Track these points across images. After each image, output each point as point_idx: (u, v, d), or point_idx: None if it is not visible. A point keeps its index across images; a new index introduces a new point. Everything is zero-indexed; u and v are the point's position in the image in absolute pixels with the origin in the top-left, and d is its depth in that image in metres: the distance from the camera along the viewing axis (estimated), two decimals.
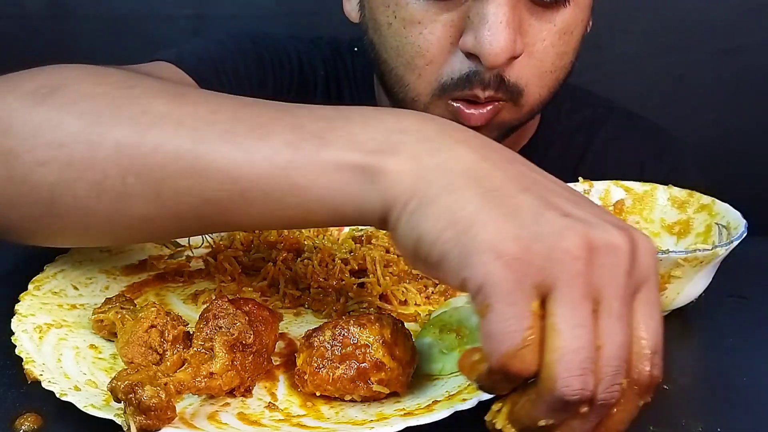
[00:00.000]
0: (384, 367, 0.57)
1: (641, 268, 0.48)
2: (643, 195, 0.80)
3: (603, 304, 0.46)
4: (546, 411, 0.46)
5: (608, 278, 0.46)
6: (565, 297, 0.46)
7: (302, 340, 0.60)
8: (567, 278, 0.46)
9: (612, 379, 0.46)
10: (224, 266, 0.76)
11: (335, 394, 0.58)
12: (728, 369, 0.66)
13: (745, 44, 1.32)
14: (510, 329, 0.45)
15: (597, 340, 0.46)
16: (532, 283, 0.46)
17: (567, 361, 0.45)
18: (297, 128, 0.55)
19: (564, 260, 0.46)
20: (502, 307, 0.45)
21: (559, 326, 0.45)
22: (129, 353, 0.59)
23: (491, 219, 0.47)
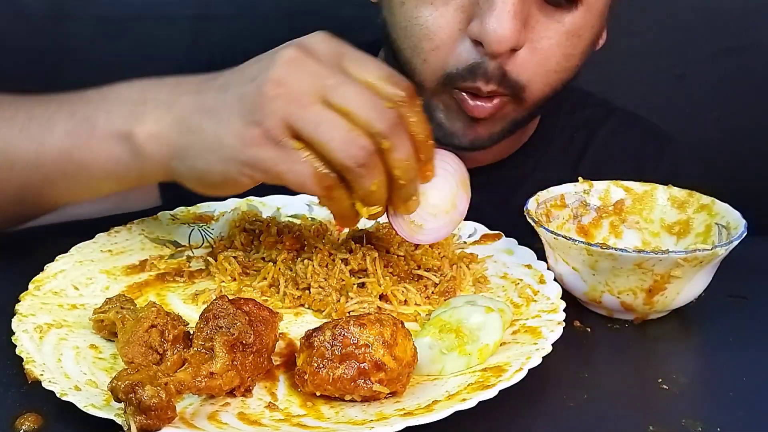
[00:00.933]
0: (384, 367, 0.57)
1: (325, 53, 0.63)
2: (643, 195, 0.80)
3: (322, 92, 0.61)
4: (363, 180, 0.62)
5: (306, 79, 0.61)
6: (297, 119, 0.61)
7: (302, 340, 0.60)
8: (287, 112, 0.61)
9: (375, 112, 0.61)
10: (224, 266, 0.76)
11: (335, 394, 0.58)
12: (728, 369, 0.66)
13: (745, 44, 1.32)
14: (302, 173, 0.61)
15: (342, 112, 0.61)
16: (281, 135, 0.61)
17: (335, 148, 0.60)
18: (72, 115, 0.70)
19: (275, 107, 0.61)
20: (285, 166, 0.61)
21: (312, 138, 0.61)
22: (129, 353, 0.59)
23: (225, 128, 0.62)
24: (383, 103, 0.62)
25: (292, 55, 0.62)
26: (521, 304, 0.70)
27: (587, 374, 0.64)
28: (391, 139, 0.62)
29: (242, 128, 0.62)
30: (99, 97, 0.71)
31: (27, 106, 0.74)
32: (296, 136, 0.61)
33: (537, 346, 0.62)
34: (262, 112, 0.61)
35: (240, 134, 0.62)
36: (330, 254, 0.74)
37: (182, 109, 0.66)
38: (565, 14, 0.82)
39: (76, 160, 0.70)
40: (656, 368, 0.66)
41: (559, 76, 0.86)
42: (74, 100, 0.72)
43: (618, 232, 0.80)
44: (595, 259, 0.68)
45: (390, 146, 0.62)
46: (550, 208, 0.78)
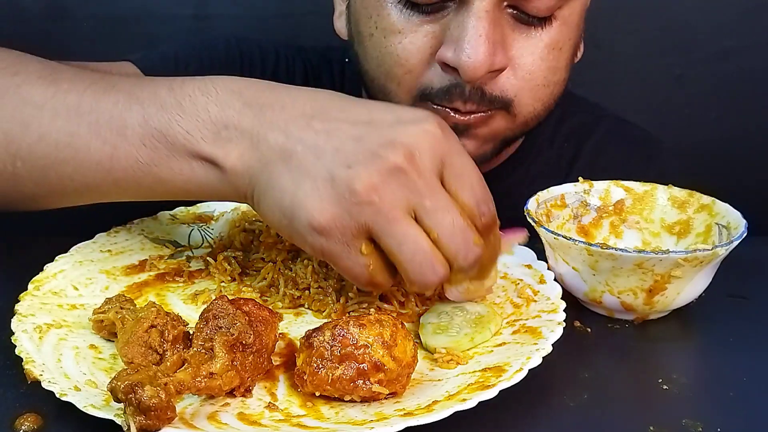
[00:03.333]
0: (383, 367, 0.57)
1: (429, 164, 0.61)
2: (643, 195, 0.80)
3: (416, 207, 0.60)
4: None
5: (404, 192, 0.59)
6: (380, 231, 0.59)
7: (302, 341, 0.60)
8: (372, 218, 0.59)
9: (463, 248, 0.61)
10: (224, 266, 0.76)
11: (335, 395, 0.58)
12: (728, 369, 0.66)
13: (745, 44, 1.32)
14: (355, 272, 0.61)
15: (431, 234, 0.60)
16: (354, 237, 0.60)
17: (412, 270, 0.60)
18: (145, 122, 0.66)
19: (362, 207, 0.59)
20: (342, 263, 0.61)
21: (393, 249, 0.60)
22: (129, 353, 0.59)
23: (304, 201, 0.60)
24: (473, 238, 0.61)
25: (396, 161, 0.59)
26: (521, 304, 0.70)
27: (587, 374, 0.64)
28: (469, 272, 0.63)
29: (319, 215, 0.60)
30: (172, 103, 0.66)
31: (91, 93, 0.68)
32: (371, 239, 0.61)
33: (537, 346, 0.62)
34: (346, 210, 0.59)
35: (314, 219, 0.60)
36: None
37: (267, 151, 0.63)
38: (541, 31, 0.82)
39: (154, 174, 0.66)
40: (656, 368, 0.66)
41: (548, 91, 0.86)
42: (143, 97, 0.67)
43: (618, 232, 0.80)
44: (596, 259, 0.68)
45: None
46: (550, 208, 0.78)
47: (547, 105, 0.87)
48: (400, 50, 0.82)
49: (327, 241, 0.60)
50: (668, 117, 1.34)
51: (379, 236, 0.60)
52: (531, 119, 0.87)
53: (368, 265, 0.61)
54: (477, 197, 0.63)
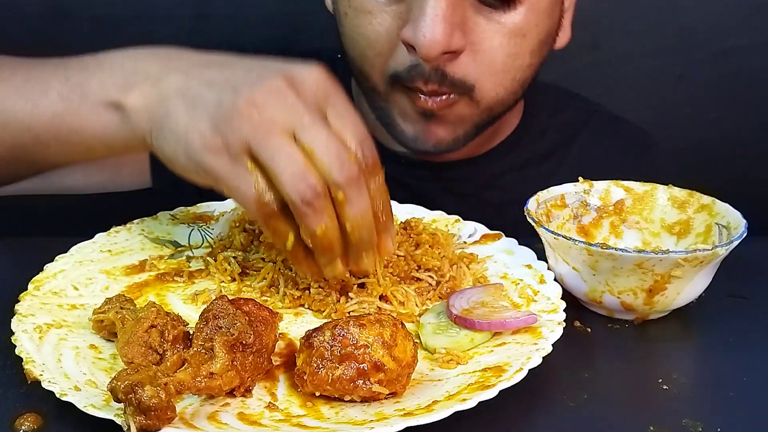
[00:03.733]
0: (383, 367, 0.57)
1: (312, 90, 0.63)
2: (643, 195, 0.80)
3: (293, 126, 0.62)
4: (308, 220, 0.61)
5: (282, 110, 0.62)
6: (257, 144, 0.61)
7: (302, 341, 0.60)
8: (251, 133, 0.61)
9: (337, 161, 0.61)
10: (224, 266, 0.76)
11: (335, 395, 0.58)
12: (728, 369, 0.66)
13: (745, 44, 1.32)
14: (246, 193, 0.62)
15: (306, 151, 0.61)
16: (238, 152, 0.62)
17: (285, 180, 0.60)
18: (67, 80, 0.72)
19: (242, 125, 0.61)
20: (232, 182, 0.63)
21: (267, 164, 0.61)
22: (129, 353, 0.59)
23: (194, 125, 0.64)
24: (348, 156, 0.62)
25: (278, 83, 0.63)
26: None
27: (587, 374, 0.64)
28: (348, 192, 0.62)
29: (207, 132, 0.63)
30: (94, 64, 0.73)
31: (25, 67, 0.76)
32: (254, 158, 0.62)
33: (537, 346, 0.62)
34: (229, 125, 0.62)
35: (203, 137, 0.63)
36: None
37: (167, 87, 0.67)
38: (503, 15, 0.83)
39: (68, 123, 0.72)
40: (656, 368, 0.66)
41: (509, 76, 0.86)
42: (71, 64, 0.74)
43: (618, 232, 0.80)
44: (596, 259, 0.68)
45: (344, 198, 0.62)
46: (550, 208, 0.78)
47: (511, 90, 0.88)
48: (371, 32, 0.85)
49: (216, 160, 0.63)
50: (668, 117, 1.34)
51: (256, 151, 0.61)
52: (495, 104, 0.88)
53: (254, 182, 0.62)
54: (359, 137, 0.63)
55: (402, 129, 0.89)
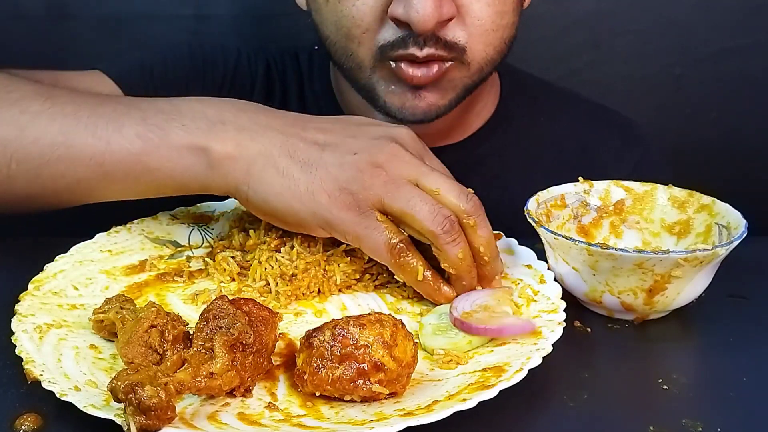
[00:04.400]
0: (383, 367, 0.57)
1: (414, 149, 0.73)
2: (643, 195, 0.80)
3: (415, 176, 0.70)
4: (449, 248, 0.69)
5: (403, 166, 0.70)
6: (389, 197, 0.69)
7: (302, 340, 0.60)
8: (383, 189, 0.69)
9: (463, 195, 0.70)
10: (222, 266, 0.76)
11: (335, 395, 0.58)
12: (728, 369, 0.66)
13: (745, 44, 1.32)
14: (378, 240, 0.69)
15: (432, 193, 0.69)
16: (369, 207, 0.69)
17: (423, 218, 0.68)
18: (143, 120, 0.73)
19: (372, 185, 0.69)
20: (363, 232, 0.69)
21: (402, 209, 0.68)
22: (129, 353, 0.59)
23: (319, 185, 0.69)
24: (468, 190, 0.71)
25: (393, 149, 0.71)
26: (521, 304, 0.70)
27: (587, 374, 0.64)
28: (476, 218, 0.70)
29: (336, 192, 0.69)
30: (171, 108, 0.74)
31: (89, 104, 0.75)
32: (384, 212, 0.69)
33: (537, 346, 0.62)
34: (359, 185, 0.69)
35: (333, 196, 0.69)
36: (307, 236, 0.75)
37: (268, 145, 0.71)
38: None
39: (144, 162, 0.72)
40: (656, 368, 0.66)
41: (498, 35, 0.88)
42: (143, 106, 0.74)
43: (618, 232, 0.80)
44: (596, 259, 0.68)
45: (474, 224, 0.69)
46: (550, 208, 0.78)
47: (499, 49, 0.90)
48: (355, 12, 0.86)
49: (346, 214, 0.69)
50: (668, 117, 1.34)
51: (390, 202, 0.69)
52: (485, 64, 0.90)
53: (384, 229, 0.69)
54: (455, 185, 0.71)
55: (387, 101, 0.90)
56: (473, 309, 0.67)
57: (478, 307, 0.67)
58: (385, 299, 0.74)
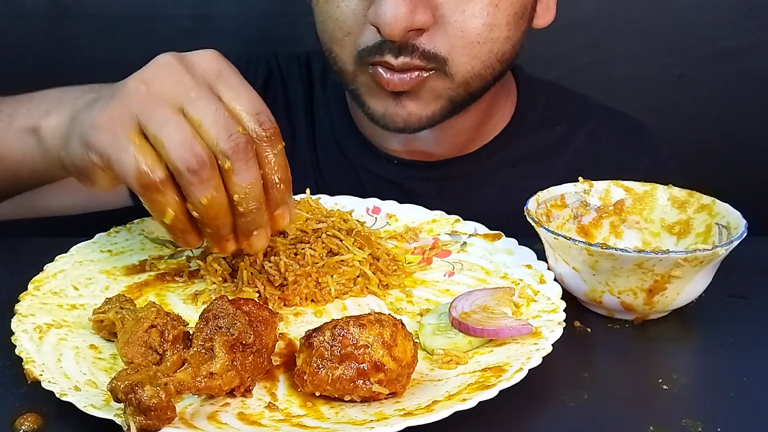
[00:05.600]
0: (383, 367, 0.57)
1: (202, 67, 0.64)
2: (643, 195, 0.80)
3: (181, 100, 0.62)
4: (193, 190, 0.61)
5: (171, 85, 0.63)
6: (146, 116, 0.62)
7: (302, 341, 0.60)
8: (138, 106, 0.62)
9: (224, 132, 0.61)
10: (214, 267, 0.76)
11: (335, 395, 0.58)
12: (728, 369, 0.66)
13: (745, 44, 1.32)
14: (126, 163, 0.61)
15: (194, 123, 0.61)
16: (122, 126, 0.62)
17: (170, 149, 0.60)
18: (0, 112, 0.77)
19: (130, 100, 0.62)
20: (113, 153, 0.62)
21: (154, 135, 0.61)
22: (129, 353, 0.59)
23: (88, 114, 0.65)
24: (236, 127, 0.62)
25: (167, 60, 0.64)
26: (521, 304, 0.70)
27: (587, 374, 0.64)
28: (234, 162, 0.61)
29: (97, 113, 0.64)
30: (28, 97, 0.77)
31: None
32: (141, 133, 0.62)
33: (537, 346, 0.62)
34: (116, 102, 0.63)
35: (93, 118, 0.64)
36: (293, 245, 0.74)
37: (79, 104, 0.69)
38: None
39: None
40: (656, 368, 0.66)
41: (485, 48, 0.86)
42: (7, 99, 0.79)
43: (618, 232, 0.80)
44: (596, 259, 0.68)
45: (230, 168, 0.61)
46: (550, 208, 0.78)
47: (487, 63, 0.88)
48: (339, 13, 0.87)
49: (100, 134, 0.63)
50: (668, 117, 1.34)
51: (144, 123, 0.62)
52: (471, 78, 0.88)
53: (135, 151, 0.61)
54: (255, 107, 0.64)
55: (371, 107, 0.90)
56: (472, 309, 0.67)
57: (477, 307, 0.67)
58: (385, 299, 0.74)
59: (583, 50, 1.32)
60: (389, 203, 0.87)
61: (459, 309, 0.67)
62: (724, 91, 1.34)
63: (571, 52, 1.32)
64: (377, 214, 0.87)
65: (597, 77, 1.32)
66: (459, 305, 0.67)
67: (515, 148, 1.02)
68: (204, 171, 0.60)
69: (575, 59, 1.32)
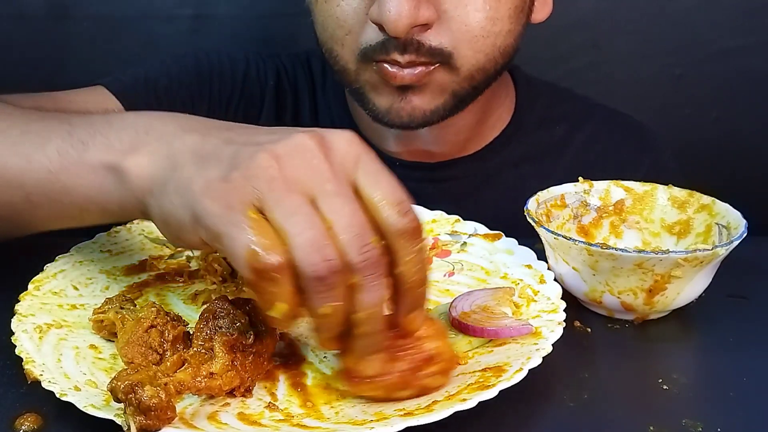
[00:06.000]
0: (438, 358, 0.58)
1: (341, 153, 0.55)
2: (643, 195, 0.80)
3: (315, 191, 0.53)
4: (315, 296, 0.52)
5: (306, 171, 0.54)
6: (272, 199, 0.53)
7: None
8: (266, 185, 0.53)
9: (357, 241, 0.52)
10: (213, 267, 0.76)
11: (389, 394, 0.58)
12: (728, 369, 0.66)
13: (745, 44, 1.32)
14: (238, 241, 0.52)
15: (325, 222, 0.52)
16: (241, 201, 0.53)
17: (298, 245, 0.51)
18: (69, 135, 0.63)
19: (258, 174, 0.53)
20: (224, 228, 0.53)
21: (279, 222, 0.52)
22: (129, 353, 0.59)
23: (201, 175, 0.55)
24: (371, 237, 0.53)
25: (306, 141, 0.55)
26: (521, 304, 0.70)
27: (587, 374, 0.64)
28: (364, 277, 0.53)
29: (212, 180, 0.55)
30: (103, 120, 0.64)
31: (25, 119, 0.68)
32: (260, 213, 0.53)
33: (537, 346, 0.62)
34: (241, 174, 0.54)
35: (207, 185, 0.55)
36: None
37: (179, 146, 0.59)
38: None
39: (61, 182, 0.63)
40: (656, 368, 0.66)
41: (489, 42, 0.87)
42: (76, 119, 0.66)
43: (618, 232, 0.80)
44: (596, 259, 0.68)
45: (358, 284, 0.53)
46: (550, 208, 0.78)
47: (490, 57, 0.88)
48: (339, 12, 0.86)
49: (213, 204, 0.54)
50: (668, 117, 1.34)
51: (270, 207, 0.53)
52: (476, 72, 0.88)
53: (251, 229, 0.52)
54: (396, 196, 0.55)
55: (375, 103, 0.89)
56: (472, 309, 0.67)
57: (476, 307, 0.67)
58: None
59: (583, 50, 1.32)
60: None
61: (459, 309, 0.67)
62: (724, 91, 1.34)
63: (571, 52, 1.32)
64: None
65: (597, 77, 1.32)
66: (459, 305, 0.67)
67: (516, 149, 1.02)
68: (330, 278, 0.52)
69: (575, 59, 1.32)
